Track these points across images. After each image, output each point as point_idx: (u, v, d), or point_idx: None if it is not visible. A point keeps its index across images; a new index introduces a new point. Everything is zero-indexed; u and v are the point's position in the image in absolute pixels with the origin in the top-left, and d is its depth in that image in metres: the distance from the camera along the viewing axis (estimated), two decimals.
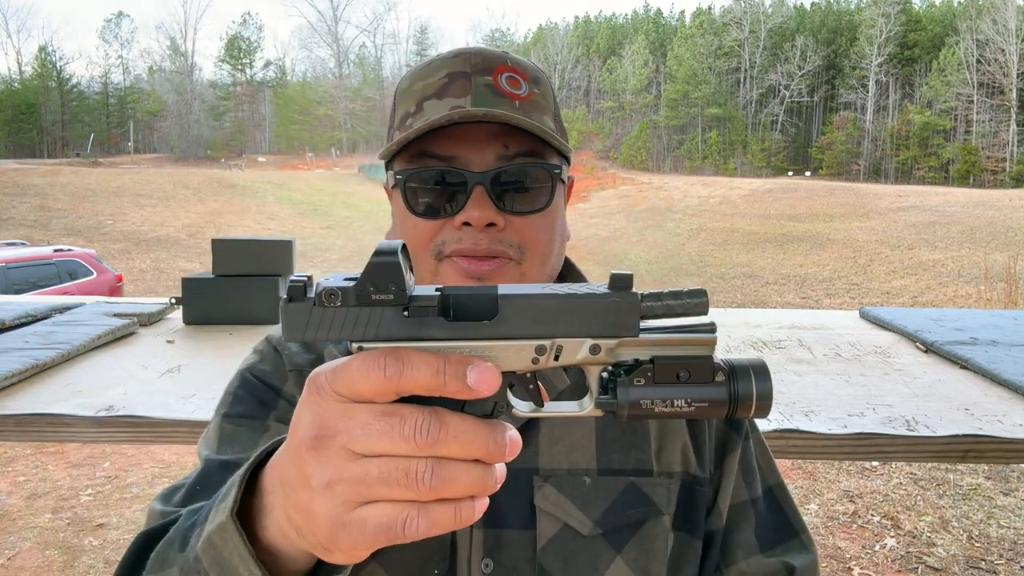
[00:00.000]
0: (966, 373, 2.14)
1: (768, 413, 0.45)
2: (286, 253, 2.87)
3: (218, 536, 0.50)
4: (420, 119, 0.77)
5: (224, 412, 0.82)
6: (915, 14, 71.92)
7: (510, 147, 0.76)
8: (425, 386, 0.41)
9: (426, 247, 0.77)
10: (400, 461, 0.41)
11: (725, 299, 15.35)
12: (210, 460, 0.76)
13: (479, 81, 0.76)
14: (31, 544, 4.06)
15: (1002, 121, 59.45)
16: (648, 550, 0.77)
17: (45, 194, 29.97)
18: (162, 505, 0.72)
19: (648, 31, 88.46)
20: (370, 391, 0.41)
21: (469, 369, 0.41)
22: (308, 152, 75.87)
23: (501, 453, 0.42)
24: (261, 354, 0.87)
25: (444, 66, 0.79)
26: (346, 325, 0.42)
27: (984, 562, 3.88)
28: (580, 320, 0.43)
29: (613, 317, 0.43)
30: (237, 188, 36.97)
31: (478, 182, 0.75)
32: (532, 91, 0.79)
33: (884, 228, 25.93)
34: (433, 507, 0.42)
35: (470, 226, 0.75)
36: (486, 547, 0.75)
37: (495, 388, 0.41)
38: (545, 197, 0.79)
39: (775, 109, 74.78)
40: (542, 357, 0.44)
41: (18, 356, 2.02)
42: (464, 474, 0.41)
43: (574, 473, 0.78)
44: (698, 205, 36.50)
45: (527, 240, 0.77)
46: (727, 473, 0.84)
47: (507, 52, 0.82)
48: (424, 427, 0.40)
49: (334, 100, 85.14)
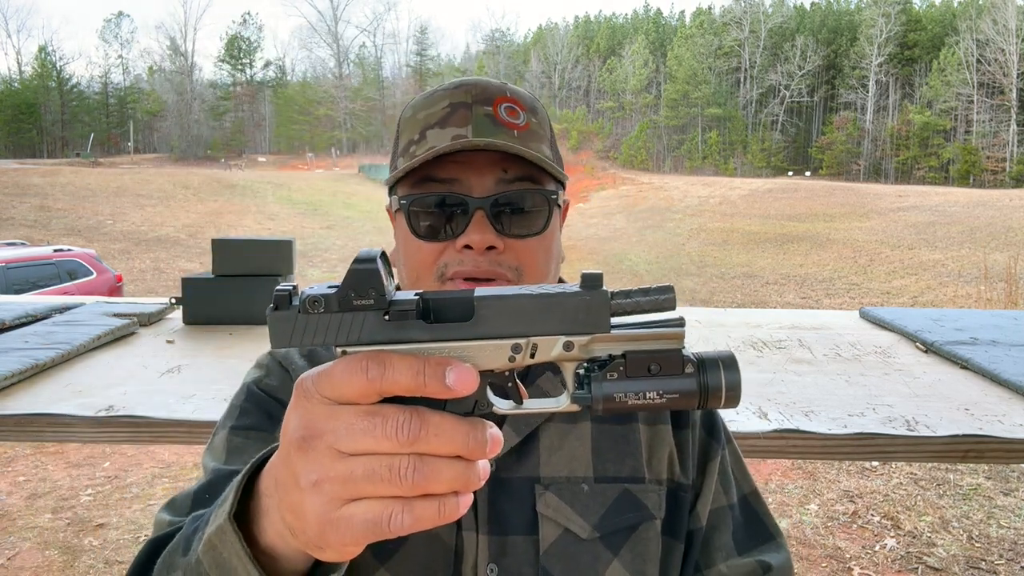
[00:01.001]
0: (966, 373, 2.14)
1: (737, 403, 0.46)
2: (286, 253, 2.87)
3: (217, 538, 0.52)
4: (423, 147, 0.80)
5: (232, 425, 0.84)
6: (915, 14, 71.93)
7: (509, 172, 0.80)
8: (406, 387, 0.42)
9: (430, 269, 0.80)
10: (384, 458, 0.42)
11: (725, 299, 15.35)
12: (219, 470, 0.78)
13: (479, 111, 0.80)
14: (31, 544, 4.05)
15: (1002, 121, 59.46)
16: (642, 552, 0.81)
17: (45, 194, 29.97)
18: (169, 515, 0.74)
19: (648, 31, 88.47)
20: (353, 393, 0.43)
21: (448, 370, 0.42)
22: (308, 152, 75.90)
23: (482, 449, 0.43)
24: (267, 368, 0.90)
25: (446, 96, 0.82)
26: (330, 331, 0.44)
27: (984, 562, 3.87)
28: (553, 318, 0.45)
29: (584, 315, 0.45)
30: (237, 188, 36.98)
31: (479, 206, 0.78)
32: (530, 120, 0.83)
33: (884, 228, 25.94)
34: (417, 503, 0.43)
35: (471, 249, 0.78)
36: (491, 553, 0.78)
37: (473, 387, 0.43)
38: (542, 221, 0.82)
39: (775, 109, 74.79)
40: (518, 355, 0.45)
41: (18, 356, 2.02)
42: (446, 470, 0.43)
43: (573, 481, 0.81)
44: (698, 205, 36.52)
45: (524, 262, 0.81)
46: (708, 478, 0.88)
47: (506, 83, 0.85)
48: (405, 425, 0.42)
49: (334, 100, 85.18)
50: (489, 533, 0.78)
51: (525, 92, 0.86)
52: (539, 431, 0.83)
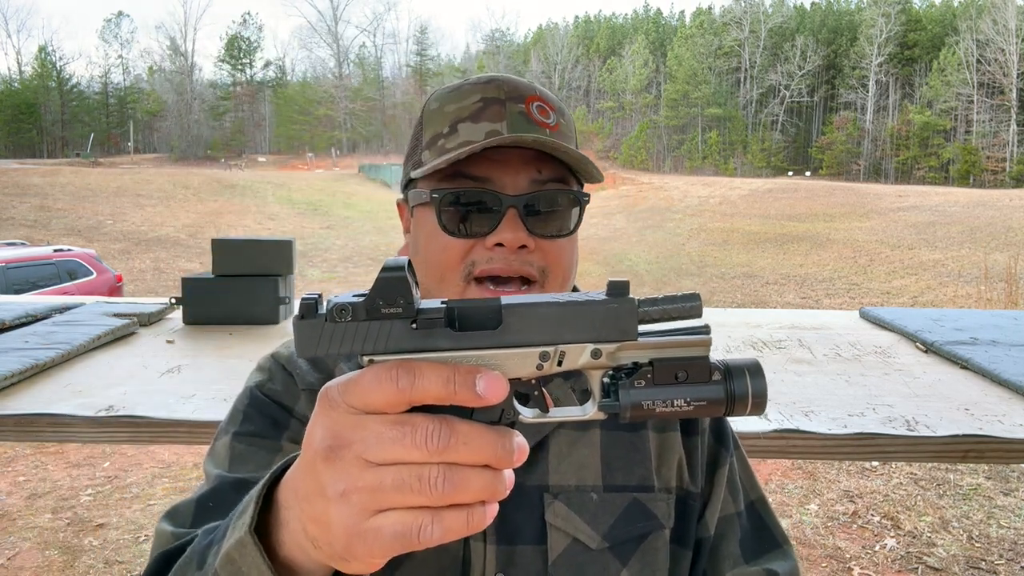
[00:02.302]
0: (966, 373, 2.14)
1: (763, 410, 0.47)
2: (286, 253, 2.87)
3: (237, 552, 0.51)
4: (454, 140, 0.78)
5: (235, 431, 0.81)
6: (915, 14, 71.91)
7: (543, 172, 0.79)
8: (436, 395, 0.42)
9: (456, 266, 0.78)
10: (413, 468, 0.42)
11: (725, 299, 15.35)
12: (223, 478, 0.76)
13: (513, 108, 0.79)
14: (31, 544, 4.05)
15: (1002, 121, 59.45)
16: (651, 562, 0.80)
17: (45, 194, 29.96)
18: (172, 526, 0.71)
19: (648, 31, 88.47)
20: (383, 402, 0.42)
21: (478, 378, 0.42)
22: (308, 152, 75.88)
23: (509, 458, 0.43)
24: (269, 372, 0.87)
25: (477, 91, 0.80)
26: (357, 339, 0.44)
27: (984, 562, 3.87)
28: (581, 326, 0.45)
29: (612, 322, 0.45)
30: (237, 188, 36.96)
31: (512, 205, 0.77)
32: (559, 121, 0.82)
33: (884, 228, 25.94)
34: (446, 513, 0.43)
35: (502, 247, 0.77)
36: (499, 563, 0.77)
37: (503, 395, 0.43)
38: (572, 222, 0.82)
39: (775, 109, 74.78)
40: (546, 363, 0.45)
41: (18, 356, 2.02)
42: (475, 479, 0.42)
43: (582, 490, 0.80)
44: (698, 205, 36.50)
45: (551, 263, 0.80)
46: (717, 486, 0.88)
47: (534, 83, 0.84)
48: (435, 434, 0.41)
49: (334, 100, 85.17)
50: (497, 543, 0.77)
51: (552, 94, 0.86)
52: (548, 439, 0.81)
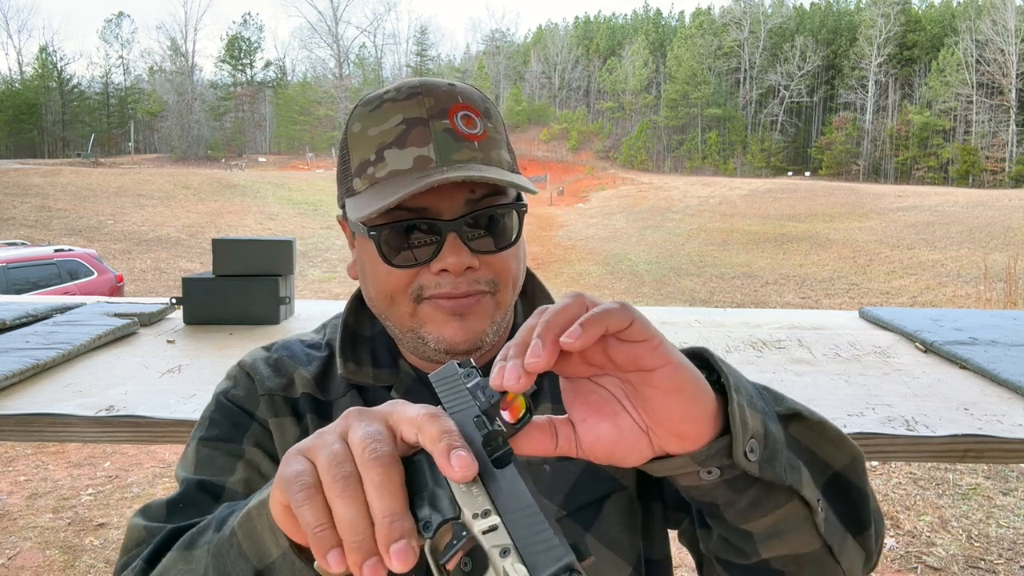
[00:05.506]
0: (966, 373, 2.14)
1: None
2: (286, 253, 2.87)
3: (256, 510, 0.56)
4: (383, 169, 0.77)
5: (200, 436, 0.85)
6: (915, 14, 71.97)
7: (476, 191, 0.77)
8: (413, 441, 0.47)
9: (403, 293, 0.79)
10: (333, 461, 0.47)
11: (725, 299, 15.36)
12: (188, 480, 0.80)
13: (437, 126, 0.76)
14: (32, 544, 4.06)
15: (1001, 121, 59.49)
16: (617, 522, 0.81)
17: (46, 194, 29.96)
18: (144, 520, 0.75)
19: (648, 31, 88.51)
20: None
21: (454, 452, 0.44)
22: (308, 152, 75.89)
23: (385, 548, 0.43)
24: (235, 379, 0.91)
25: (398, 110, 0.78)
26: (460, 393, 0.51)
27: (984, 562, 3.88)
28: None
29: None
30: (237, 188, 36.97)
31: (451, 229, 0.76)
32: (486, 126, 0.80)
33: (884, 228, 25.94)
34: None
35: (448, 272, 0.77)
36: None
37: (470, 474, 0.44)
38: (512, 233, 0.80)
39: (775, 109, 74.82)
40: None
41: (18, 356, 2.02)
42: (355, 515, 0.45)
43: (534, 463, 0.81)
44: (698, 205, 36.51)
45: (499, 274, 0.80)
46: None
47: (453, 83, 0.81)
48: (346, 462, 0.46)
49: (334, 100, 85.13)
50: None
51: (474, 91, 0.83)
52: None
